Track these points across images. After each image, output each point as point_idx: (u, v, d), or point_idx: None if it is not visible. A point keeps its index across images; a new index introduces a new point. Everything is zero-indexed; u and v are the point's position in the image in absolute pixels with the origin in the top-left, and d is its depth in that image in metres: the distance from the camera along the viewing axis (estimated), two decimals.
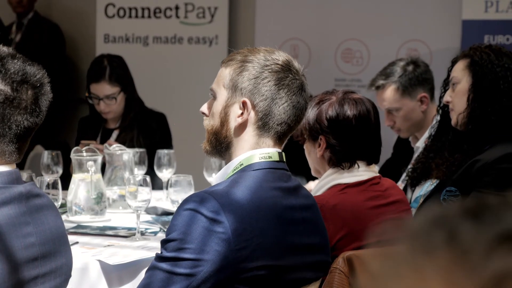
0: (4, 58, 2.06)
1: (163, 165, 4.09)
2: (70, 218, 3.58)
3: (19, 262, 2.04)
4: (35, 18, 7.06)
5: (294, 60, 2.37)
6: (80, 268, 2.93)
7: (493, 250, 0.66)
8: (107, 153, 3.92)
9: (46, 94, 2.12)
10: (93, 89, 4.57)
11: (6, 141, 2.06)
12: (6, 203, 2.05)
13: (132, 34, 6.82)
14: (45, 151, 4.12)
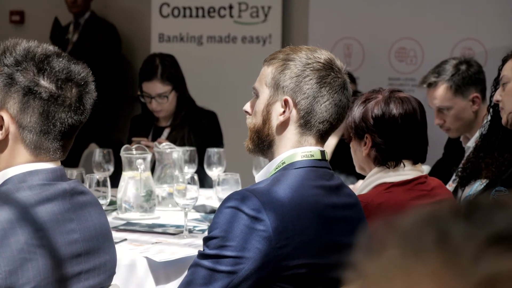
0: (50, 56, 2.10)
1: (213, 164, 4.11)
2: (120, 216, 3.62)
3: (62, 258, 2.07)
4: (92, 18, 7.15)
5: (336, 58, 2.36)
6: (128, 265, 2.96)
7: (482, 253, 0.65)
8: (157, 151, 3.96)
9: (90, 92, 2.15)
10: (145, 87, 4.61)
11: (51, 138, 2.09)
12: (50, 199, 2.08)
13: (186, 34, 6.86)
14: (97, 149, 4.17)
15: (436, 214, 0.70)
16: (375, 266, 0.70)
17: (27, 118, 2.06)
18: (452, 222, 0.68)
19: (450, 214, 0.69)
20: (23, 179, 2.08)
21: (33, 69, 2.06)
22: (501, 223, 0.67)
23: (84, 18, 7.12)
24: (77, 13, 7.12)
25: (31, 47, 2.12)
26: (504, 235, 0.66)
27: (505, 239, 0.66)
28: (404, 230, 0.70)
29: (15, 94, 2.06)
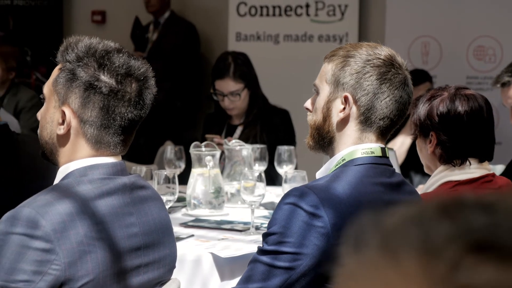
0: (110, 52, 2.13)
1: (283, 161, 4.11)
2: (189, 212, 3.65)
3: (122, 251, 2.10)
4: (171, 17, 7.24)
5: (397, 54, 2.34)
6: (193, 261, 2.99)
7: (461, 261, 0.63)
8: (226, 148, 3.98)
9: (150, 88, 2.17)
10: (218, 85, 4.64)
11: (111, 132, 2.12)
12: (110, 193, 2.11)
13: (263, 32, 6.88)
14: (168, 146, 4.22)
15: (422, 213, 0.67)
16: (354, 262, 0.69)
17: (88, 112, 2.10)
18: (435, 222, 0.66)
19: (436, 213, 0.67)
20: (84, 173, 2.12)
21: (94, 64, 2.10)
22: (484, 230, 0.65)
23: (164, 18, 7.21)
24: (155, 13, 7.21)
25: (93, 44, 2.15)
26: (485, 244, 0.64)
27: (485, 248, 0.64)
28: (387, 227, 0.68)
29: (76, 89, 2.10)
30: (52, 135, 2.16)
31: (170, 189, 3.36)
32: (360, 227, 0.70)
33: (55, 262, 1.97)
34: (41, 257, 1.97)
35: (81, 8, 8.06)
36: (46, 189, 2.09)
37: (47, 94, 2.17)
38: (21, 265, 1.97)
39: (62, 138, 2.14)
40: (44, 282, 1.97)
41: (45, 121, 2.17)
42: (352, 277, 0.68)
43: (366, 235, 0.68)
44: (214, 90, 4.67)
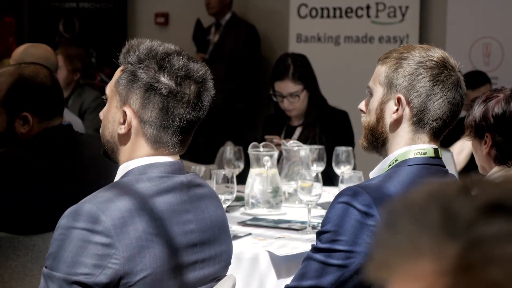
0: (170, 55, 2.19)
1: (341, 162, 4.15)
2: (248, 211, 3.71)
3: (178, 247, 2.17)
4: (233, 19, 7.31)
5: (450, 56, 2.37)
6: (251, 258, 3.05)
7: (476, 219, 0.71)
8: (284, 149, 4.03)
9: (208, 90, 2.23)
10: (277, 87, 4.70)
11: (170, 132, 2.19)
12: (168, 191, 2.18)
13: (323, 34, 6.92)
14: (228, 147, 4.29)
15: (443, 190, 0.75)
16: (389, 238, 0.76)
17: (148, 113, 2.17)
18: (455, 196, 0.74)
19: (456, 190, 0.75)
20: (143, 171, 2.19)
21: (154, 66, 2.16)
22: (495, 194, 0.75)
23: (225, 19, 7.29)
24: (216, 15, 7.29)
25: (154, 46, 2.22)
26: (496, 204, 0.74)
27: (496, 207, 0.74)
28: (412, 204, 0.75)
29: (137, 90, 2.17)
30: (113, 134, 2.23)
31: (229, 188, 3.43)
32: (391, 208, 0.77)
33: (115, 256, 2.04)
34: (101, 251, 2.04)
35: (145, 11, 8.19)
36: (106, 186, 2.17)
37: (109, 95, 2.25)
38: (82, 259, 2.04)
39: (123, 137, 2.22)
40: (104, 275, 2.04)
41: (107, 120, 2.25)
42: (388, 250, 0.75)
43: (396, 213, 0.75)
44: (274, 91, 4.73)
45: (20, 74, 3.05)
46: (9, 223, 2.94)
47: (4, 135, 3.07)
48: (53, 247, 2.09)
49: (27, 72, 3.07)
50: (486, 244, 0.71)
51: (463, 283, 0.71)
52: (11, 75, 3.05)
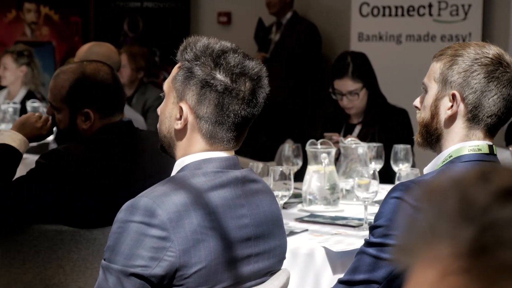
0: (226, 52, 2.23)
1: (399, 160, 4.15)
2: (305, 208, 3.74)
3: (233, 240, 2.21)
4: (294, 18, 7.34)
5: (505, 53, 2.37)
6: (306, 254, 3.08)
7: (491, 204, 0.74)
8: (342, 146, 4.05)
9: (263, 87, 2.26)
10: (337, 85, 4.71)
11: (225, 128, 2.23)
12: (222, 186, 2.22)
13: (385, 33, 6.91)
14: (286, 144, 4.32)
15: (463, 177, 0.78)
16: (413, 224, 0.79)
17: (203, 109, 2.21)
18: (473, 183, 0.76)
19: (475, 177, 0.77)
20: (199, 166, 2.23)
21: (210, 63, 2.21)
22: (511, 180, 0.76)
23: (286, 18, 7.33)
24: (277, 14, 7.33)
25: (210, 43, 2.26)
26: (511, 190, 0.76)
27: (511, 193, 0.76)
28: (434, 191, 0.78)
29: (193, 87, 2.21)
30: (170, 130, 2.28)
31: (286, 185, 3.46)
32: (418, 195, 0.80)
33: (170, 249, 2.09)
34: (157, 244, 2.09)
35: (208, 10, 8.27)
36: (163, 180, 2.22)
37: (166, 91, 2.30)
38: (139, 251, 2.09)
39: (179, 132, 2.26)
40: (160, 267, 2.09)
41: (164, 116, 2.30)
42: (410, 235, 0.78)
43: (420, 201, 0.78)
44: (333, 89, 4.75)
45: (82, 72, 3.13)
46: (71, 217, 3.01)
47: (67, 131, 3.15)
48: (111, 240, 2.14)
49: (88, 69, 3.14)
50: (500, 228, 0.73)
51: (477, 265, 0.73)
52: (74, 73, 3.13)
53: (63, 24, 8.63)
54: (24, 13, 8.58)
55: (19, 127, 3.22)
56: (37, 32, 8.64)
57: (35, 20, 8.61)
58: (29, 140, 3.22)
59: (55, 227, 3.05)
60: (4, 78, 6.53)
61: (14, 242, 3.09)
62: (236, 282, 2.24)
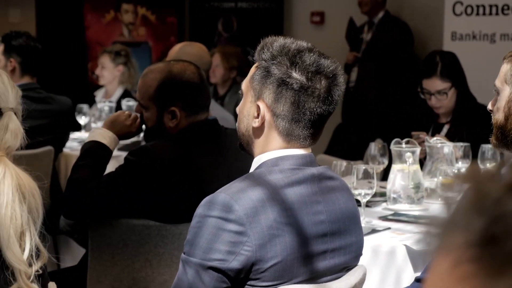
0: (302, 51, 2.28)
1: (486, 159, 4.12)
2: (389, 206, 3.75)
3: (308, 236, 2.25)
4: (386, 17, 7.33)
5: None
6: (388, 252, 3.10)
7: (503, 196, 0.77)
8: (427, 145, 4.04)
9: (338, 85, 2.30)
10: (425, 84, 4.70)
11: (301, 126, 2.28)
12: (299, 182, 2.27)
13: (479, 32, 6.83)
14: (372, 143, 4.34)
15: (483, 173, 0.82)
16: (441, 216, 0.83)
17: (280, 107, 2.26)
18: (490, 178, 0.80)
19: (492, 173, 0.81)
20: (276, 163, 2.29)
21: (286, 62, 2.26)
22: None
23: (378, 18, 7.32)
24: (369, 13, 7.33)
25: (286, 43, 2.31)
26: None
27: None
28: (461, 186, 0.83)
29: (270, 86, 2.27)
30: (248, 128, 2.34)
31: (370, 183, 3.48)
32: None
33: (247, 243, 2.15)
34: (234, 239, 2.15)
35: (301, 10, 8.32)
36: (241, 177, 2.28)
37: (244, 90, 2.36)
38: (216, 245, 2.16)
39: (257, 130, 2.32)
40: (237, 261, 2.15)
41: (242, 114, 2.37)
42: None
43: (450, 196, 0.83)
44: (422, 89, 4.74)
45: (169, 71, 3.22)
46: (158, 212, 3.11)
47: (154, 129, 3.25)
48: (190, 234, 2.22)
49: (175, 69, 3.23)
50: (510, 218, 0.76)
51: (486, 254, 0.76)
52: (161, 72, 3.23)
53: (159, 24, 8.81)
54: (122, 14, 8.79)
55: (109, 125, 3.34)
56: (134, 32, 8.85)
57: (132, 21, 8.81)
58: (118, 138, 3.33)
59: (142, 221, 3.15)
60: (102, 77, 6.71)
61: (103, 236, 3.21)
62: (311, 277, 2.28)
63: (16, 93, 1.97)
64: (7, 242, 1.83)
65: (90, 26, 8.82)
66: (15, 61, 5.04)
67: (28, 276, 1.88)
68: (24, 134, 1.97)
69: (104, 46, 7.82)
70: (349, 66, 7.48)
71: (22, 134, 1.95)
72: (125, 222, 3.16)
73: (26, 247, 1.87)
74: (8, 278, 1.85)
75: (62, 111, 5.17)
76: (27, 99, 4.96)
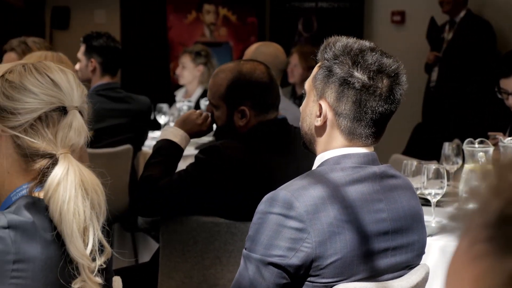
0: (364, 51, 2.30)
1: None
2: None
3: (369, 234, 2.26)
4: (468, 16, 7.24)
5: None
6: None
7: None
8: (502, 145, 3.99)
9: (401, 84, 2.31)
10: (502, 84, 4.64)
11: (363, 125, 2.29)
12: (360, 181, 2.28)
13: None
14: (446, 143, 4.30)
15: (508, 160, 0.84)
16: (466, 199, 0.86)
17: (342, 106, 2.28)
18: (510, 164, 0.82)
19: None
20: (338, 161, 2.31)
21: (348, 62, 2.28)
22: None
23: (460, 17, 7.24)
24: (450, 12, 7.25)
25: (349, 43, 2.34)
26: None
27: None
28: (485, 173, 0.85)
29: (332, 85, 2.29)
30: (310, 127, 2.37)
31: (442, 183, 3.46)
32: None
33: (307, 240, 2.18)
34: (294, 235, 2.18)
35: (382, 9, 8.28)
36: (302, 174, 2.31)
37: (307, 89, 2.39)
38: (277, 242, 2.19)
39: (319, 129, 2.35)
40: (297, 258, 2.18)
41: (305, 113, 2.39)
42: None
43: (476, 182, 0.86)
44: (499, 88, 4.68)
45: (239, 71, 3.26)
46: (227, 210, 3.15)
47: (225, 128, 3.30)
48: (252, 231, 2.25)
49: (245, 68, 3.27)
50: None
51: (500, 234, 0.79)
52: (231, 72, 3.27)
53: (240, 24, 8.88)
54: (203, 15, 8.90)
55: (181, 124, 3.40)
56: (216, 32, 8.94)
57: (214, 21, 8.91)
58: (190, 136, 3.39)
59: (212, 219, 3.20)
60: (182, 77, 6.80)
61: (174, 233, 3.27)
62: (372, 275, 2.29)
63: (81, 92, 2.02)
64: (70, 237, 1.88)
65: (173, 27, 8.95)
66: (96, 61, 5.16)
67: (91, 270, 1.93)
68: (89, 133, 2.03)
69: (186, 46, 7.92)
70: (430, 66, 7.42)
71: (86, 133, 2.01)
72: (195, 219, 3.21)
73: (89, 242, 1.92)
74: (72, 272, 1.90)
75: (141, 110, 5.27)
76: (107, 98, 5.11)
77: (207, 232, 3.21)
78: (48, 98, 1.96)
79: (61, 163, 1.93)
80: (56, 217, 1.88)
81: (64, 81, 1.99)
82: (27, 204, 1.89)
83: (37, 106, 1.95)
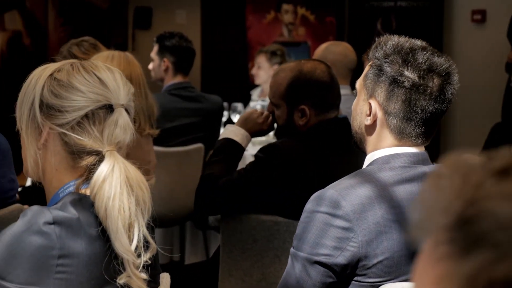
0: (415, 50, 2.27)
1: None
2: None
3: None
4: None
5: None
6: None
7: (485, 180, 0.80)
8: None
9: (452, 83, 2.27)
10: None
11: (413, 124, 2.27)
12: (409, 180, 2.26)
13: None
14: None
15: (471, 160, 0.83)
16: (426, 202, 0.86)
17: (391, 105, 2.26)
18: (477, 165, 0.82)
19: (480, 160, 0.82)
20: (387, 161, 2.29)
21: (399, 61, 2.26)
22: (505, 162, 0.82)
23: None
24: None
25: (400, 42, 2.32)
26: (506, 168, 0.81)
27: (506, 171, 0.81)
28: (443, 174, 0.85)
29: (382, 84, 2.27)
30: (360, 125, 2.36)
31: None
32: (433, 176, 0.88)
33: (353, 239, 2.17)
34: (341, 234, 2.17)
35: (462, 8, 8.16)
36: (351, 174, 2.30)
37: (358, 88, 2.38)
38: (323, 241, 2.19)
39: (369, 128, 2.33)
40: (343, 257, 2.17)
41: (355, 112, 2.38)
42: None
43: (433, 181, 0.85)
44: None
45: (299, 70, 3.27)
46: (286, 208, 3.16)
47: (285, 126, 3.30)
48: (299, 229, 2.26)
49: (306, 68, 3.27)
50: (484, 202, 0.77)
51: (459, 236, 0.78)
52: (292, 71, 3.28)
53: (319, 24, 8.87)
54: (282, 14, 8.91)
55: (242, 123, 3.41)
56: (294, 32, 8.94)
57: (292, 21, 8.91)
58: (251, 135, 3.41)
59: (271, 217, 3.20)
60: (258, 77, 6.83)
61: (234, 231, 3.28)
62: None
63: (128, 90, 2.05)
64: (116, 233, 1.90)
65: (252, 26, 8.99)
66: (168, 61, 5.22)
67: (137, 266, 1.95)
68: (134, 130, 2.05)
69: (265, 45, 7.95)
70: (511, 65, 7.28)
71: (132, 130, 2.04)
72: (254, 217, 3.22)
73: (134, 238, 1.94)
74: (118, 268, 1.93)
75: (213, 110, 5.31)
76: (179, 97, 5.17)
77: (266, 230, 3.22)
78: (95, 96, 1.99)
79: (107, 160, 1.96)
80: (102, 213, 1.91)
81: (110, 80, 2.02)
82: (73, 201, 1.92)
83: (84, 104, 1.98)
